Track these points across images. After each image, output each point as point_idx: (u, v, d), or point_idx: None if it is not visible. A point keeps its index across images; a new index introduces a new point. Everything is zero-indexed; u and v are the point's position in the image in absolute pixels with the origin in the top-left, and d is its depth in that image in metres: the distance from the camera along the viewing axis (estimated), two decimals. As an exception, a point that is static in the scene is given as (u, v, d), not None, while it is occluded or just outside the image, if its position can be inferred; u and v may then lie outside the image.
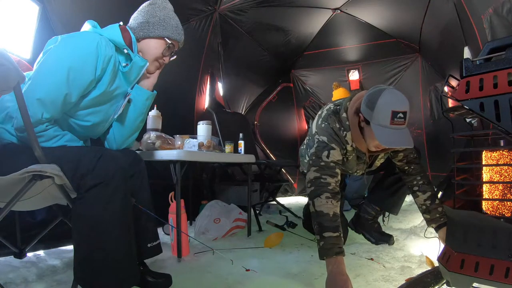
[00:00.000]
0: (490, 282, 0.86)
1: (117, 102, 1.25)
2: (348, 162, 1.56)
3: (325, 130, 1.45)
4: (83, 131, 1.20)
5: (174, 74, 2.81)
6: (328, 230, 1.23)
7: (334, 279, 1.16)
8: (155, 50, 1.26)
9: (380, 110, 1.25)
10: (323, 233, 1.24)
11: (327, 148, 1.40)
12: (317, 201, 1.28)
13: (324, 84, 4.35)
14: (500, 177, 0.98)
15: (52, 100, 1.02)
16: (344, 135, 1.44)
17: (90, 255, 0.94)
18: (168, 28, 1.26)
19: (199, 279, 1.36)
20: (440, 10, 2.74)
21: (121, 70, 1.20)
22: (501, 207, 0.98)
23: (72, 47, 1.06)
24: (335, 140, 1.43)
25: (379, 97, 1.26)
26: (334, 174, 1.35)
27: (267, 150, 4.12)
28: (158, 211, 1.36)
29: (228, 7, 3.13)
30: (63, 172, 0.92)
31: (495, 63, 0.91)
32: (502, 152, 0.98)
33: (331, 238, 1.22)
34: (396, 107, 1.23)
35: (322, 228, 1.25)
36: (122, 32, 1.18)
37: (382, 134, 1.25)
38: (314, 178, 1.34)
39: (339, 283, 1.14)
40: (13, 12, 1.65)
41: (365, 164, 1.63)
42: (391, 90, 1.29)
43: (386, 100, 1.25)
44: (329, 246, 1.21)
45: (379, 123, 1.25)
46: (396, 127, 1.24)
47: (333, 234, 1.23)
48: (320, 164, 1.37)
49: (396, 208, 1.88)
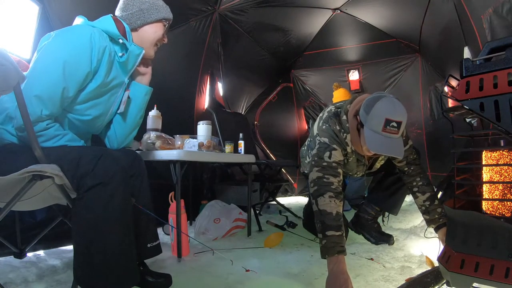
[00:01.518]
0: (490, 282, 0.86)
1: (115, 93, 1.25)
2: (348, 164, 1.57)
3: (326, 132, 1.46)
4: (84, 126, 1.20)
5: (174, 74, 2.81)
6: (331, 229, 1.24)
7: (334, 277, 1.17)
8: (155, 34, 1.30)
9: (374, 116, 1.26)
10: (325, 231, 1.24)
11: (328, 149, 1.41)
12: (320, 200, 1.29)
13: (324, 84, 4.35)
14: (500, 177, 0.98)
15: (50, 96, 1.02)
16: (345, 137, 1.46)
17: (90, 255, 0.94)
18: (160, 9, 1.30)
19: (199, 279, 1.36)
20: (440, 10, 2.73)
21: (117, 60, 1.21)
22: (501, 207, 0.98)
23: (65, 41, 1.07)
24: (336, 141, 1.44)
25: (376, 102, 1.27)
26: (337, 174, 1.36)
27: (267, 150, 4.12)
28: (158, 211, 1.37)
29: (228, 7, 3.13)
30: (63, 172, 0.92)
31: (495, 63, 0.91)
32: (502, 152, 0.98)
33: (334, 237, 1.23)
34: (391, 115, 1.24)
35: (325, 227, 1.25)
36: (115, 22, 1.20)
37: (371, 139, 1.27)
38: (317, 178, 1.35)
39: (339, 282, 1.15)
40: (13, 12, 1.65)
41: (365, 166, 1.64)
42: (391, 98, 1.30)
43: (382, 107, 1.26)
44: (331, 245, 1.22)
45: (371, 128, 1.27)
46: (388, 135, 1.25)
47: (335, 233, 1.23)
48: (322, 164, 1.38)
49: (396, 208, 1.88)
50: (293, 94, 4.60)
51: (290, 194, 4.23)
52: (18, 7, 1.67)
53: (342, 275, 1.17)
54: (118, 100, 1.27)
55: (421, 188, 1.53)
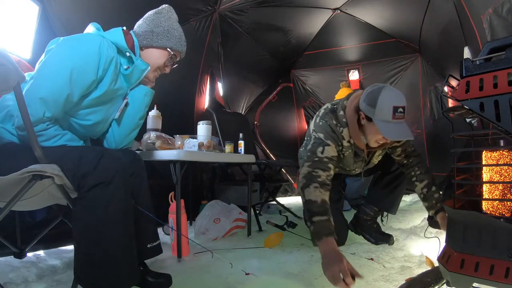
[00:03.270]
0: (490, 282, 0.86)
1: (117, 103, 1.27)
2: (344, 159, 1.62)
3: (323, 128, 1.52)
4: (83, 130, 1.21)
5: (174, 74, 2.79)
6: (317, 215, 1.27)
7: (327, 258, 1.17)
8: (157, 60, 1.29)
9: (382, 107, 1.34)
10: (312, 218, 1.28)
11: (322, 144, 1.47)
12: (306, 191, 1.34)
13: (324, 84, 4.35)
14: (500, 177, 0.98)
15: (54, 100, 1.03)
16: (341, 131, 1.52)
17: (90, 255, 0.95)
18: (171, 39, 1.28)
19: (199, 279, 1.36)
20: (440, 10, 2.74)
21: (122, 73, 1.22)
22: (501, 207, 0.98)
23: (75, 48, 1.08)
24: (331, 137, 1.50)
25: (379, 95, 1.35)
26: (326, 169, 1.40)
27: (267, 150, 4.12)
28: (158, 211, 1.36)
29: (228, 7, 3.13)
30: (64, 172, 0.92)
31: (495, 63, 0.91)
32: (502, 152, 0.98)
33: (320, 221, 1.26)
34: (396, 103, 1.34)
35: (311, 214, 1.29)
36: (125, 35, 1.20)
37: (386, 128, 1.35)
38: (307, 172, 1.39)
39: (333, 259, 1.14)
40: (13, 12, 1.65)
41: (363, 161, 1.66)
42: (389, 87, 1.39)
43: (386, 97, 1.35)
44: (318, 229, 1.25)
45: (382, 119, 1.35)
46: (397, 121, 1.34)
47: (321, 217, 1.26)
48: (314, 159, 1.43)
49: (394, 208, 1.90)
50: (293, 94, 4.60)
51: (290, 194, 4.23)
52: (18, 7, 1.67)
53: (333, 253, 1.18)
54: (117, 111, 1.27)
55: (419, 176, 1.60)
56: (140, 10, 1.39)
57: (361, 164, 1.69)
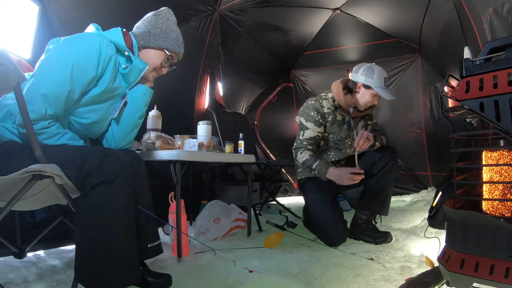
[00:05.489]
0: (490, 282, 0.86)
1: (116, 102, 1.27)
2: (330, 125, 1.96)
3: (303, 111, 1.97)
4: (82, 128, 1.21)
5: (174, 74, 2.79)
6: (313, 163, 1.85)
7: (337, 175, 1.80)
8: (154, 60, 1.31)
9: (378, 77, 1.85)
10: (312, 167, 1.86)
11: (303, 129, 1.95)
12: (298, 158, 1.93)
13: (324, 84, 4.31)
14: (500, 177, 0.98)
15: (55, 96, 1.04)
16: (320, 102, 1.95)
17: (92, 254, 0.95)
18: (168, 40, 1.30)
19: (199, 279, 1.36)
20: (440, 10, 2.74)
21: (120, 72, 1.23)
22: (501, 207, 0.98)
23: (75, 45, 1.10)
24: (310, 115, 1.92)
25: (374, 69, 1.86)
26: (307, 148, 1.92)
27: (267, 150, 4.12)
28: (158, 211, 1.36)
29: (228, 7, 3.13)
30: (68, 170, 0.93)
31: (495, 63, 0.91)
32: (502, 152, 0.98)
33: (318, 164, 1.84)
34: (385, 74, 1.89)
35: (310, 166, 1.87)
36: (124, 35, 1.22)
37: (383, 92, 1.85)
38: (295, 156, 1.95)
39: (340, 173, 1.79)
40: (13, 12, 1.65)
41: (349, 129, 2.00)
42: (376, 64, 1.91)
43: (379, 70, 1.87)
44: (320, 168, 1.83)
45: (379, 86, 1.85)
46: (387, 87, 1.90)
47: (316, 162, 1.85)
48: (298, 146, 1.95)
49: (385, 209, 1.95)
50: (293, 94, 4.60)
51: (290, 194, 4.23)
52: (18, 7, 1.67)
53: (338, 171, 1.81)
54: (116, 111, 1.28)
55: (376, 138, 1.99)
56: (139, 11, 1.39)
57: (348, 132, 2.00)
